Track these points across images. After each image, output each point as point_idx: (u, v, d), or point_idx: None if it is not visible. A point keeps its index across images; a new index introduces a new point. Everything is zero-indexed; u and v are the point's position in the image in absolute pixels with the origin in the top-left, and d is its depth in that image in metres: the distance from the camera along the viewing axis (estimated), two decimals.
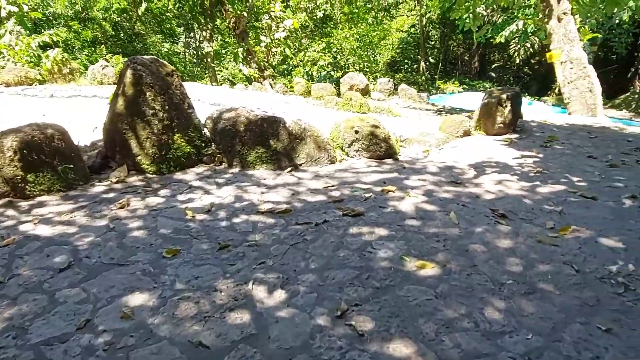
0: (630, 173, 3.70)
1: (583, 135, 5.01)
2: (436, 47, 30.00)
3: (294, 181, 3.31)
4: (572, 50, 7.88)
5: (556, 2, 8.02)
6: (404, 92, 12.97)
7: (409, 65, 28.62)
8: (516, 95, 4.76)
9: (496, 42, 10.47)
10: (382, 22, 27.51)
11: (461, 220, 2.71)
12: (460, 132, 4.64)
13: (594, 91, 7.79)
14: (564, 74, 8.01)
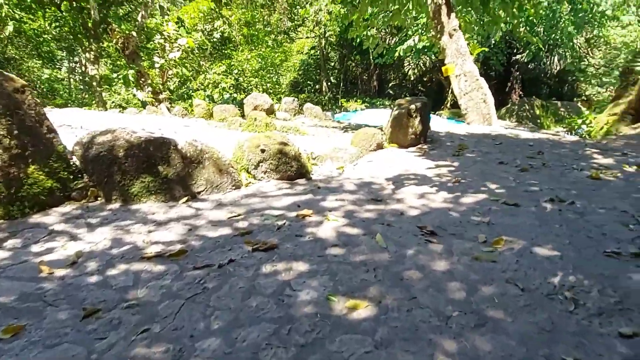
0: (540, 176, 3.73)
1: (489, 143, 5.12)
2: (336, 67, 30.93)
3: (191, 213, 2.75)
4: (465, 64, 8.32)
5: (447, 19, 8.46)
6: (310, 110, 12.88)
7: (312, 85, 29.18)
8: (425, 105, 4.73)
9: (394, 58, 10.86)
10: (282, 44, 27.75)
11: (389, 243, 2.38)
12: (373, 145, 4.45)
13: (487, 102, 8.27)
14: (460, 86, 8.42)
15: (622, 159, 4.30)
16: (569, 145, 4.92)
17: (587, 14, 15.90)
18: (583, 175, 3.78)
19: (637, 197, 3.25)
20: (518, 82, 26.26)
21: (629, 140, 5.23)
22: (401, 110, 4.53)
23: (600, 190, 3.41)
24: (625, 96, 6.92)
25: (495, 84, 26.63)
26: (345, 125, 12.44)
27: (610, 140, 5.29)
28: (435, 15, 8.53)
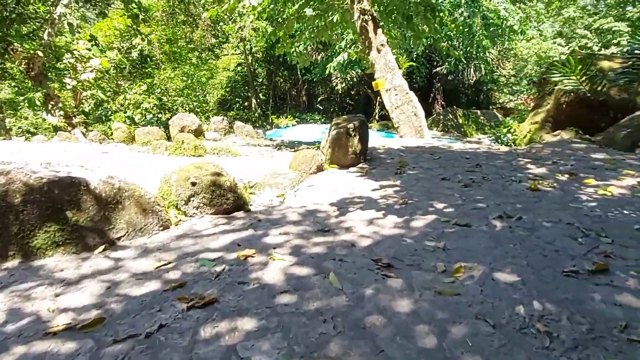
0: (484, 191, 3.72)
1: (428, 158, 5.13)
2: (264, 84, 30.70)
3: (110, 266, 2.32)
4: (395, 78, 8.45)
5: (374, 35, 8.57)
6: (241, 129, 12.50)
7: (240, 103, 28.68)
8: (363, 123, 4.62)
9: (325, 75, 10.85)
10: (207, 61, 27.12)
11: (344, 282, 2.14)
12: (313, 168, 4.23)
13: (418, 114, 8.44)
14: (390, 100, 8.53)
15: (554, 168, 4.45)
16: (502, 156, 5.06)
17: (498, 28, 17.11)
18: (523, 187, 3.83)
19: (576, 207, 3.31)
20: (440, 93, 27.72)
21: (554, 147, 5.50)
22: (339, 129, 4.37)
23: (542, 202, 3.44)
24: (543, 105, 7.38)
25: (419, 95, 27.89)
26: (278, 143, 12.20)
27: (538, 149, 5.52)
28: (362, 31, 8.61)
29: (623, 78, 5.96)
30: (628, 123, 5.49)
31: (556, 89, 7.01)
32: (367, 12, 8.53)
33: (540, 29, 27.32)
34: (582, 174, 4.25)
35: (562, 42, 26.19)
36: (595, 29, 24.65)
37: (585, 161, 4.76)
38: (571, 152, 5.23)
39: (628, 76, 5.93)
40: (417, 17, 9.72)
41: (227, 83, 28.77)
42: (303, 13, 9.56)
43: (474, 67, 24.59)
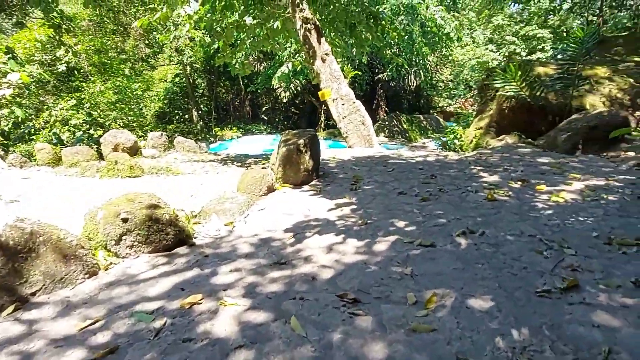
0: (442, 205, 3.62)
1: (381, 170, 5.00)
2: (205, 94, 29.87)
3: (21, 331, 1.91)
4: (341, 88, 8.36)
5: (317, 44, 8.44)
6: (182, 144, 11.91)
7: (181, 115, 27.66)
8: (313, 138, 4.40)
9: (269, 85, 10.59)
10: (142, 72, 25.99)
11: (308, 328, 1.90)
12: (263, 189, 3.94)
13: (366, 123, 8.39)
14: (338, 110, 8.42)
15: (506, 175, 4.47)
16: (455, 164, 5.05)
17: (435, 36, 17.71)
18: (480, 197, 3.78)
19: (535, 217, 3.28)
20: (383, 99, 28.32)
21: (502, 153, 5.58)
22: (289, 146, 4.12)
23: (501, 212, 3.39)
24: (487, 111, 7.58)
25: (363, 102, 28.33)
26: (223, 157, 11.74)
27: (487, 155, 5.59)
28: (305, 41, 8.46)
29: (559, 83, 6.22)
30: (567, 127, 5.69)
31: (498, 95, 7.21)
32: (310, 20, 8.39)
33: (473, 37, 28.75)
34: (533, 179, 4.28)
35: (493, 49, 27.67)
36: (522, 36, 26.25)
37: (533, 166, 4.83)
38: (519, 157, 5.32)
39: (563, 81, 6.19)
40: (360, 25, 9.73)
41: (165, 95, 27.65)
42: (243, 22, 9.26)
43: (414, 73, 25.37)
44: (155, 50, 26.77)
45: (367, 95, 27.16)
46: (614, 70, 7.08)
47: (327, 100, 8.53)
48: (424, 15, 16.02)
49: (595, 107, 6.48)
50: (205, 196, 4.43)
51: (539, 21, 27.19)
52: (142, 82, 24.33)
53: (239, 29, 9.70)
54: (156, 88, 26.90)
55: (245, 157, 11.62)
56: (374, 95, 27.74)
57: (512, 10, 30.80)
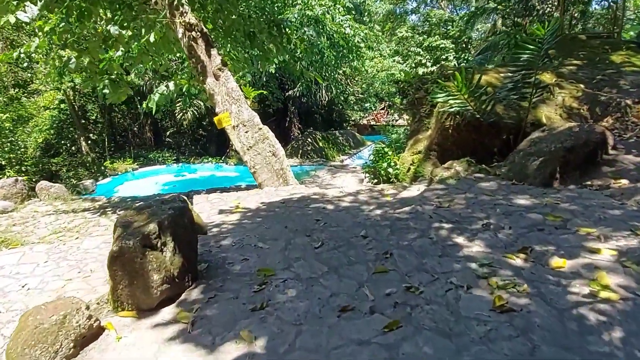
0: (425, 339, 1.86)
1: (304, 243, 3.15)
2: (99, 121, 26.13)
3: None
4: (242, 112, 6.47)
5: (207, 57, 6.49)
6: (46, 191, 9.18)
7: (69, 146, 23.71)
8: (182, 211, 2.39)
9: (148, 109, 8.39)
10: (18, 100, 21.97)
11: None
12: (65, 348, 1.88)
13: (277, 154, 6.58)
14: (240, 140, 6.52)
15: (492, 240, 2.88)
16: (411, 222, 3.36)
17: (344, 48, 16.56)
18: (481, 305, 2.10)
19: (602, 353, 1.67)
20: (295, 116, 26.82)
21: (464, 192, 4.05)
22: (127, 242, 2.07)
23: (536, 348, 1.74)
24: (423, 130, 6.16)
25: (275, 121, 26.63)
26: (103, 204, 9.20)
27: (442, 195, 4.01)
28: (191, 53, 6.48)
29: (513, 94, 4.95)
30: (534, 149, 4.36)
31: (437, 111, 5.84)
32: (194, 27, 6.43)
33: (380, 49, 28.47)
34: (537, 245, 2.74)
35: (400, 60, 27.56)
36: (426, 47, 26.37)
37: (518, 215, 3.33)
38: (488, 197, 3.83)
39: (518, 92, 4.93)
40: (261, 34, 7.98)
41: (51, 124, 23.52)
42: (108, 33, 7.03)
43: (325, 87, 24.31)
44: (35, 74, 22.77)
45: (279, 112, 25.50)
46: (558, 76, 6.03)
47: (225, 128, 6.60)
48: (330, 27, 14.74)
49: (551, 120, 5.30)
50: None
51: (440, 32, 27.60)
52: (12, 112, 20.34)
53: (105, 43, 7.44)
54: (41, 117, 22.86)
55: (133, 200, 9.20)
56: (285, 113, 26.17)
57: (413, 22, 31.22)
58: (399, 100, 25.52)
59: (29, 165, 19.07)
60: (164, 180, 16.86)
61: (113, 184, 15.52)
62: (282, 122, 26.63)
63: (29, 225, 7.84)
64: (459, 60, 26.40)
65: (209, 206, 5.42)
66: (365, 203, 5.23)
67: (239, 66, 8.98)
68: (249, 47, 7.81)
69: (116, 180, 15.88)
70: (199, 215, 3.36)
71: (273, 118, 25.73)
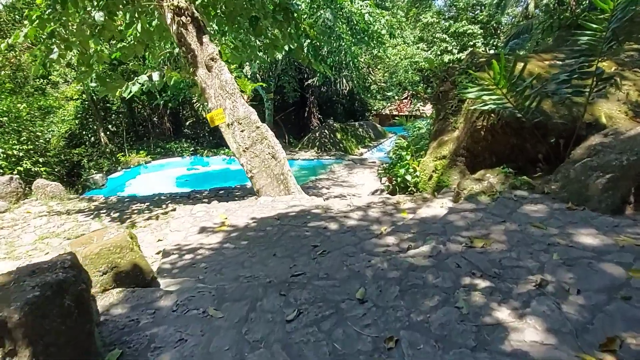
0: None
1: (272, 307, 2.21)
2: (121, 111, 25.74)
3: None
4: (237, 108, 5.54)
5: (198, 45, 5.56)
6: (43, 190, 8.54)
7: (89, 137, 23.40)
8: (59, 291, 1.43)
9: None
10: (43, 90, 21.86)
11: None
12: None
13: (278, 156, 5.64)
14: (236, 140, 5.59)
15: (558, 321, 1.86)
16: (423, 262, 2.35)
17: (365, 35, 15.39)
18: None
19: None
20: (315, 106, 25.74)
21: (503, 221, 3.01)
22: None
23: None
24: (449, 131, 5.09)
25: (294, 110, 25.65)
26: (98, 205, 8.49)
27: (474, 222, 2.98)
28: (180, 40, 5.57)
29: (566, 87, 3.83)
30: (597, 162, 3.27)
31: (466, 108, 4.76)
32: (184, 11, 5.51)
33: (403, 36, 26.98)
34: (627, 334, 1.72)
35: (424, 47, 26.05)
36: (452, 33, 24.77)
37: (585, 267, 2.28)
38: (537, 231, 2.79)
39: (574, 86, 3.80)
40: (266, 19, 7.01)
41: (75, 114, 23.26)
42: (92, 20, 6.19)
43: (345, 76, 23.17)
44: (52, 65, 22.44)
45: (297, 103, 24.49)
46: (619, 64, 4.83)
47: (220, 126, 5.69)
48: (349, 9, 13.56)
49: (614, 120, 4.15)
50: None
51: (468, 17, 25.90)
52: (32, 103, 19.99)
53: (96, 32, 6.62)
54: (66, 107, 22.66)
55: (131, 200, 8.45)
56: (305, 103, 25.13)
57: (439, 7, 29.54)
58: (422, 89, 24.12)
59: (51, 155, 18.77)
60: (177, 173, 16.18)
61: (125, 177, 14.93)
62: (301, 112, 25.63)
63: (17, 229, 7.20)
64: (488, 47, 24.70)
65: (190, 222, 4.54)
66: (376, 221, 4.24)
67: (245, 55, 8.04)
68: (252, 33, 6.84)
69: (128, 173, 15.29)
70: (142, 257, 2.47)
71: (292, 108, 24.75)
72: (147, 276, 2.38)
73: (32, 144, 18.50)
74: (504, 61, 3.53)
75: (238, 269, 3.28)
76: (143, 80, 5.82)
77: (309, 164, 16.40)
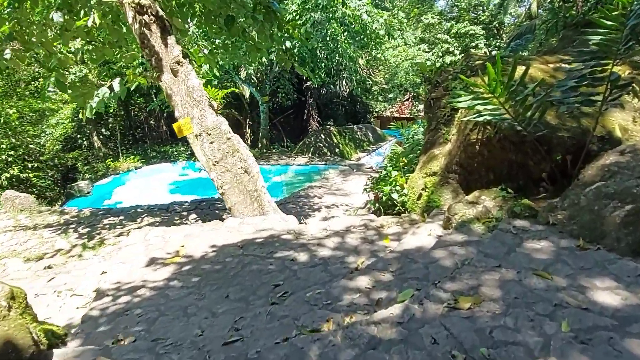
0: None
1: None
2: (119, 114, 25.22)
3: None
4: (205, 117, 4.96)
5: (163, 48, 4.99)
6: (12, 202, 8.01)
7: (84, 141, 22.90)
8: None
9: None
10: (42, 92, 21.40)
11: None
12: None
13: (251, 171, 5.05)
14: (205, 152, 5.02)
15: None
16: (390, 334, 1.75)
17: (362, 36, 14.79)
18: None
19: None
20: (314, 108, 25.13)
21: (503, 265, 2.41)
22: None
23: None
24: (440, 143, 4.48)
25: (293, 113, 25.05)
26: (70, 218, 7.94)
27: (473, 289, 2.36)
28: (144, 42, 5.00)
29: (576, 96, 3.21)
30: (613, 187, 2.67)
31: (459, 119, 4.14)
32: (147, 9, 4.94)
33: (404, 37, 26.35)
34: None
35: (425, 48, 25.40)
36: (454, 34, 24.11)
37: (604, 347, 1.69)
38: (541, 283, 2.19)
39: (584, 94, 3.18)
40: (245, 19, 6.45)
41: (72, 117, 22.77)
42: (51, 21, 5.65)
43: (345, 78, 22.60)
44: None
45: (296, 105, 23.89)
46: (633, 67, 4.21)
47: (188, 137, 5.12)
48: (343, 12, 12.97)
49: (630, 133, 3.54)
50: None
51: (470, 17, 25.22)
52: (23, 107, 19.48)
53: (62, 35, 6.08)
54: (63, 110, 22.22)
55: (105, 213, 7.88)
56: (303, 105, 24.54)
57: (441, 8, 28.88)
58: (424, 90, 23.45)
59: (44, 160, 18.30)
60: (168, 179, 15.63)
61: (113, 184, 14.40)
62: (300, 114, 25.03)
63: None
64: (490, 48, 24.01)
65: (141, 251, 3.97)
66: (354, 251, 3.65)
67: (225, 57, 7.48)
68: (227, 34, 6.26)
69: (117, 180, 14.75)
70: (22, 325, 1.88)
71: (291, 111, 24.15)
72: (24, 353, 1.80)
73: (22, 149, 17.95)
74: (500, 65, 2.93)
75: (177, 319, 2.70)
76: (103, 93, 5.25)
77: (303, 169, 15.81)
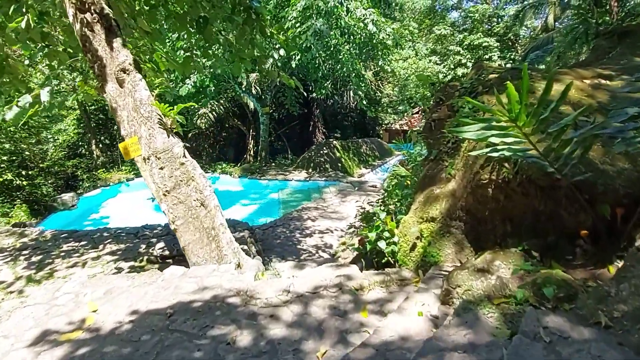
0: None
1: None
2: None
3: None
4: (154, 137, 4.03)
5: (108, 52, 4.09)
6: None
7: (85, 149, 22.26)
8: None
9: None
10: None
11: None
12: None
13: (208, 204, 4.09)
14: (154, 180, 4.08)
15: None
16: None
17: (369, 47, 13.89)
18: None
19: None
20: (320, 120, 24.21)
21: None
22: None
23: None
24: (441, 180, 3.46)
25: (299, 124, 24.16)
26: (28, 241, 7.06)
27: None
28: (86, 45, 4.12)
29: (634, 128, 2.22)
30: None
31: (465, 151, 3.12)
32: (90, 7, 4.06)
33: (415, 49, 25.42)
34: None
35: (437, 60, 24.43)
36: (466, 45, 23.11)
37: None
38: None
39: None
40: (223, 22, 5.59)
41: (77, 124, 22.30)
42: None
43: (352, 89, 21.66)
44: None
45: (301, 117, 23.00)
46: None
47: (135, 160, 4.19)
48: (347, 22, 12.07)
49: None
50: None
51: (484, 29, 24.20)
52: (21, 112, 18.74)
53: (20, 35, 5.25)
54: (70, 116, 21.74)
55: (68, 236, 6.98)
56: (309, 116, 23.63)
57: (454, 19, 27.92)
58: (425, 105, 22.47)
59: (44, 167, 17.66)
60: None
61: (102, 197, 13.56)
62: (305, 126, 24.12)
63: None
64: (505, 61, 22.94)
65: (41, 315, 3.01)
66: (317, 330, 2.64)
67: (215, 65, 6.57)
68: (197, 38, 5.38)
69: (107, 192, 13.93)
70: None
71: (295, 122, 23.28)
72: None
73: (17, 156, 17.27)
74: (527, 81, 1.94)
75: None
76: (25, 102, 4.37)
77: (302, 186, 14.83)
